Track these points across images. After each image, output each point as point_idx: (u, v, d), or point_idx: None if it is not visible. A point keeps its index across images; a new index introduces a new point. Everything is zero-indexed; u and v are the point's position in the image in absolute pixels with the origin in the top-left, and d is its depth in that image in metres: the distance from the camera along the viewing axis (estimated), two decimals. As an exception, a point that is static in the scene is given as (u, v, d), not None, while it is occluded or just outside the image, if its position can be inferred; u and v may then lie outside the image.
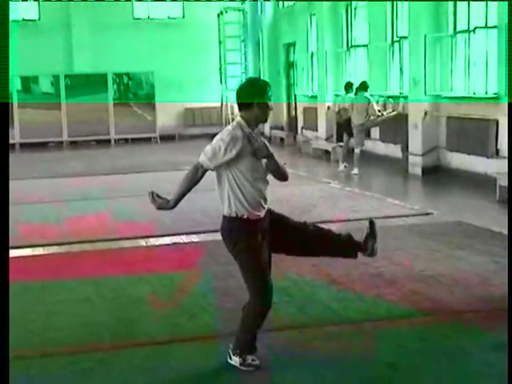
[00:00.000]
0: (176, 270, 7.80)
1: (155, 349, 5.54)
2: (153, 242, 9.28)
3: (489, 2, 13.35)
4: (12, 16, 21.99)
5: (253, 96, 4.96)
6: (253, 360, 5.08)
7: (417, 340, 5.52)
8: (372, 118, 15.43)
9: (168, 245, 9.12)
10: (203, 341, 5.69)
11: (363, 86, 15.51)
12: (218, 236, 9.53)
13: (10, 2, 17.20)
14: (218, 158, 4.95)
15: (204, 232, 9.66)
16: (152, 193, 5.18)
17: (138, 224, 10.17)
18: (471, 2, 13.95)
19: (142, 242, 9.24)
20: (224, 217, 5.18)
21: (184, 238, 9.39)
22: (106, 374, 5.10)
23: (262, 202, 5.15)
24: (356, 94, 15.61)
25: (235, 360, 5.09)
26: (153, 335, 5.85)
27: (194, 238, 9.39)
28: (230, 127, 5.01)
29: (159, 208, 5.19)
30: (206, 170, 5.06)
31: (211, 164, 5.00)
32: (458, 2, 14.30)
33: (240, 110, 5.03)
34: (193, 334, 5.85)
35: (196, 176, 5.09)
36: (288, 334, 5.78)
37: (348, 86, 16.28)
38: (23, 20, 24.87)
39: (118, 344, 5.67)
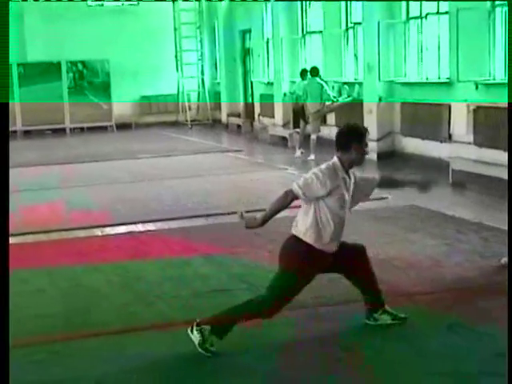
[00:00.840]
0: (131, 258, 7.78)
1: (111, 338, 5.53)
2: (108, 231, 9.24)
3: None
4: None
5: (351, 140, 5.18)
6: (211, 345, 5.10)
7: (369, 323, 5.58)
8: (327, 103, 15.52)
9: (123, 234, 9.08)
10: (159, 329, 5.69)
11: (314, 72, 15.59)
12: (173, 224, 9.67)
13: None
14: (309, 190, 5.09)
15: (160, 220, 9.65)
16: (241, 213, 5.29)
17: (93, 213, 10.12)
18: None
19: (98, 232, 9.19)
20: (294, 236, 5.25)
21: (140, 227, 9.36)
22: (60, 365, 5.06)
23: (334, 242, 5.24)
24: (308, 79, 15.71)
25: (195, 336, 5.09)
26: (108, 325, 5.84)
27: (150, 227, 9.37)
28: (324, 165, 5.21)
29: (247, 227, 5.26)
30: (295, 197, 5.13)
31: (301, 193, 5.10)
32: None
33: (337, 151, 5.24)
34: (148, 322, 5.85)
35: (286, 201, 5.14)
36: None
37: (304, 73, 16.32)
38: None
39: (73, 334, 5.64)
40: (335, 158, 5.22)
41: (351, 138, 5.21)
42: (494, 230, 8.35)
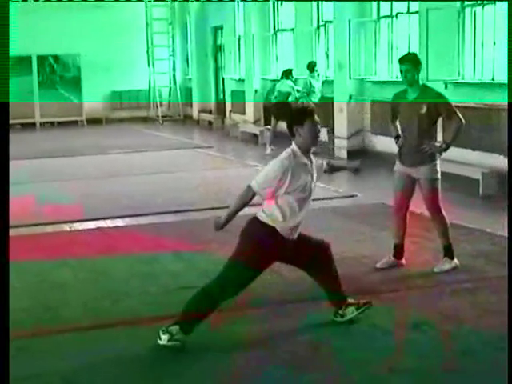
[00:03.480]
0: (99, 254, 7.74)
1: (78, 334, 5.51)
2: (77, 226, 9.20)
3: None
4: None
5: (299, 123, 5.21)
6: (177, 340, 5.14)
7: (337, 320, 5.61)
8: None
9: (92, 229, 9.05)
10: (127, 326, 5.68)
11: (286, 74, 15.69)
12: (143, 220, 9.65)
13: None
14: (268, 183, 5.12)
15: (129, 216, 9.63)
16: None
17: (61, 208, 10.05)
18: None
19: (66, 227, 9.15)
20: (257, 219, 5.25)
21: (109, 223, 9.33)
22: (26, 361, 5.03)
23: (297, 228, 5.28)
24: (280, 80, 15.86)
25: (164, 338, 5.11)
26: (76, 320, 5.81)
27: (119, 223, 9.34)
28: (283, 154, 5.23)
29: (215, 228, 5.36)
30: (255, 193, 5.16)
31: (259, 189, 5.14)
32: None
33: (292, 136, 5.28)
34: (116, 318, 5.84)
35: (246, 198, 5.18)
36: (210, 316, 5.80)
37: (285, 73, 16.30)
38: None
39: (40, 330, 5.61)
40: (293, 144, 5.26)
41: (298, 121, 5.23)
42: (462, 228, 8.42)
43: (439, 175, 6.89)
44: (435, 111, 6.81)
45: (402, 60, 6.86)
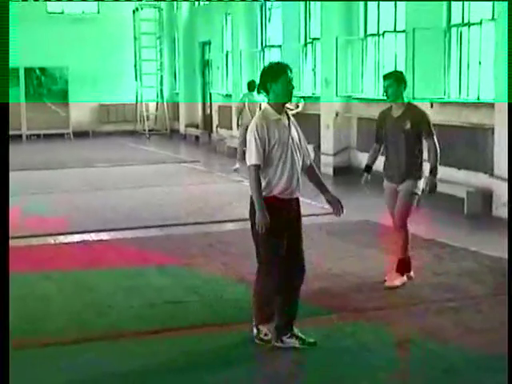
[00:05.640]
0: (84, 268, 7.72)
1: (61, 348, 5.48)
2: (62, 239, 9.17)
3: (397, 9, 13.71)
4: None
5: (268, 80, 5.31)
6: (265, 334, 5.32)
7: (322, 337, 5.59)
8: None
9: (77, 242, 9.03)
10: (110, 340, 5.66)
11: (251, 86, 15.76)
12: (128, 234, 9.62)
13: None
14: (259, 155, 5.19)
15: (114, 230, 9.61)
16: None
17: (46, 221, 10.02)
18: (380, 7, 14.30)
19: (51, 240, 9.11)
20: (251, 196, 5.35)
21: (94, 236, 9.31)
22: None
23: (292, 186, 5.30)
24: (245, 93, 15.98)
25: (254, 332, 5.38)
26: (59, 334, 5.79)
27: (105, 236, 9.32)
28: (255, 118, 5.37)
29: (265, 221, 5.19)
30: (258, 168, 5.21)
31: (258, 162, 5.21)
32: (368, 7, 14.63)
33: (266, 95, 5.39)
34: (100, 332, 5.82)
35: (257, 177, 5.21)
36: (197, 332, 5.79)
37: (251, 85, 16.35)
38: None
39: (23, 343, 5.56)
40: (265, 104, 5.39)
41: (267, 77, 5.32)
42: (446, 246, 8.47)
43: (419, 192, 6.93)
44: (418, 129, 6.86)
45: (385, 76, 6.94)
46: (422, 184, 6.94)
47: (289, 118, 5.35)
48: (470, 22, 11.98)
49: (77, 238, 9.25)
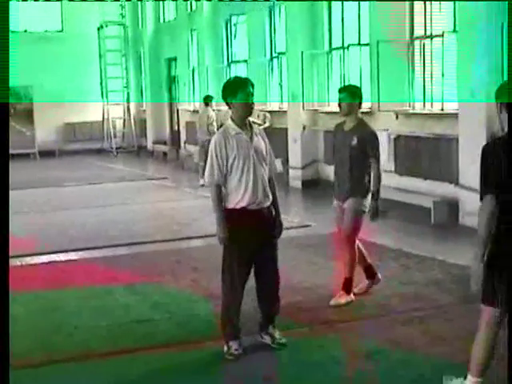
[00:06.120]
0: (51, 288, 7.66)
1: (28, 371, 5.41)
2: (28, 260, 9.08)
3: (361, 22, 13.83)
4: None
5: (229, 95, 5.40)
6: (235, 349, 5.36)
7: (292, 351, 5.60)
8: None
9: (44, 263, 8.95)
10: (78, 361, 5.60)
11: (205, 100, 15.82)
12: (96, 253, 9.55)
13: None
14: (219, 172, 5.34)
15: (82, 249, 9.54)
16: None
17: (13, 242, 9.88)
18: (345, 21, 14.41)
19: (17, 262, 9.00)
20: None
21: (61, 256, 9.24)
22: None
23: (259, 197, 5.39)
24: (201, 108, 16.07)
25: (224, 348, 5.41)
26: (27, 355, 5.71)
27: (72, 256, 9.25)
28: (216, 134, 5.49)
29: (223, 242, 5.41)
30: (218, 185, 5.37)
31: (216, 180, 5.37)
32: (332, 21, 14.74)
33: (229, 109, 5.52)
34: (67, 353, 5.76)
35: (218, 194, 5.39)
36: (167, 350, 5.75)
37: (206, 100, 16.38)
38: None
39: (-11, 366, 5.50)
40: (228, 119, 5.45)
41: (227, 92, 5.42)
42: (414, 257, 8.52)
43: (365, 209, 6.74)
44: (364, 147, 6.66)
45: (340, 90, 6.92)
46: (368, 201, 6.74)
47: (252, 131, 5.36)
48: (433, 35, 12.12)
49: (44, 258, 9.17)
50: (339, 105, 6.81)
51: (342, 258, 6.97)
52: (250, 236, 5.36)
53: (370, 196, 6.72)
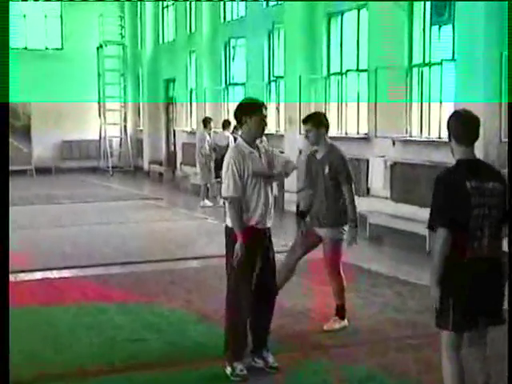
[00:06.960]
0: (44, 305, 7.64)
1: (19, 387, 5.38)
2: (22, 276, 9.04)
3: (360, 48, 13.90)
4: None
5: (245, 114, 5.44)
6: (241, 370, 5.34)
7: (285, 376, 5.57)
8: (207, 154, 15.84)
9: (38, 280, 8.93)
10: (69, 378, 5.57)
11: (203, 123, 15.92)
12: (90, 271, 9.52)
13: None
14: (237, 187, 5.38)
15: (76, 267, 9.52)
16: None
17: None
18: (343, 47, 14.50)
19: (11, 277, 8.96)
20: (226, 226, 5.58)
21: (55, 273, 9.21)
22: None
23: (263, 216, 5.47)
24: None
25: (228, 370, 5.38)
26: (18, 372, 5.67)
27: (66, 274, 9.23)
28: (230, 151, 5.54)
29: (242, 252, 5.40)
30: (236, 200, 5.39)
31: (235, 195, 5.40)
32: (331, 46, 14.82)
33: (240, 127, 5.63)
34: (60, 370, 5.74)
35: (236, 209, 5.41)
36: (158, 370, 5.72)
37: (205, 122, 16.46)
38: None
39: (-21, 383, 5.47)
40: (238, 137, 5.53)
41: (244, 112, 5.44)
42: (408, 284, 8.50)
43: (343, 237, 6.73)
44: (336, 173, 6.60)
45: (304, 121, 6.81)
46: (346, 228, 6.70)
47: (259, 151, 5.44)
48: (431, 62, 12.19)
49: (38, 275, 9.15)
50: (307, 136, 6.75)
51: (330, 287, 6.96)
52: (256, 254, 5.40)
53: (347, 225, 6.69)
